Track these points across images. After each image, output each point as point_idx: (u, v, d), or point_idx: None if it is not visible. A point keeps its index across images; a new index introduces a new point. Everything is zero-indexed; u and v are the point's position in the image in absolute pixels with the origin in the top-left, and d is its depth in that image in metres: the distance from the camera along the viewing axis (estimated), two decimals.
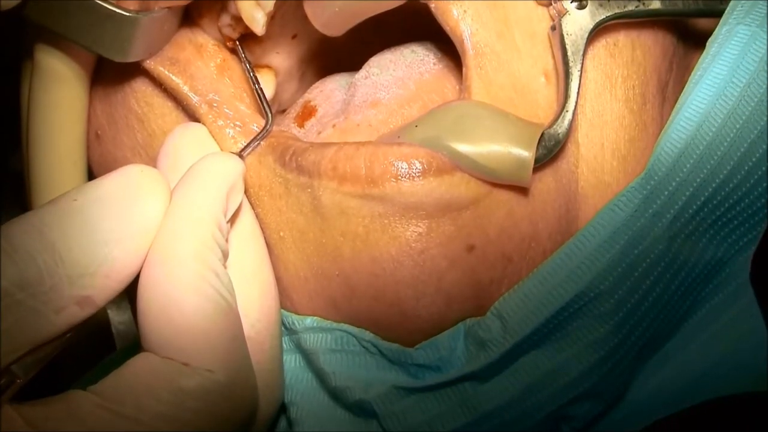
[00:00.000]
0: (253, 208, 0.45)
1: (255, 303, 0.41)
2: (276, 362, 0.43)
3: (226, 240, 0.40)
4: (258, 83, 0.47)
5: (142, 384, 0.35)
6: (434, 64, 0.49)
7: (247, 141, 0.45)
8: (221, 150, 0.45)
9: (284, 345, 0.46)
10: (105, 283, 0.36)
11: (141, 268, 0.37)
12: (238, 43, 0.48)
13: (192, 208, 0.38)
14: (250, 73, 0.47)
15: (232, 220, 0.42)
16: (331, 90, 0.51)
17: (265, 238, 0.45)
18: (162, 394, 0.35)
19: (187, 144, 0.44)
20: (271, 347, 0.42)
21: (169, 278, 0.36)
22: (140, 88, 0.48)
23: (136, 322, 0.37)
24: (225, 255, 0.39)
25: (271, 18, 0.45)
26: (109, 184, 0.37)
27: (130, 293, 0.38)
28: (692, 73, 0.45)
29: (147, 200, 0.37)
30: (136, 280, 0.37)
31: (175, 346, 0.36)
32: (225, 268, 0.39)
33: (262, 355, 0.41)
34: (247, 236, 0.43)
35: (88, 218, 0.36)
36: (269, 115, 0.46)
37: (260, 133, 0.45)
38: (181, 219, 0.38)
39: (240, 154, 0.44)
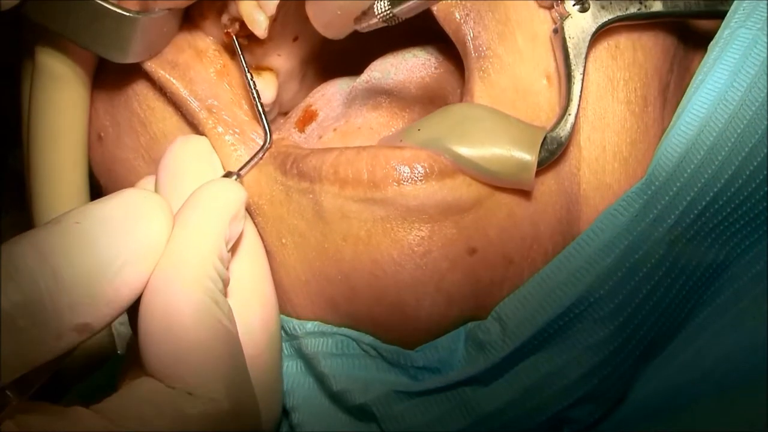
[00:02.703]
0: (252, 217, 0.45)
1: (256, 323, 0.41)
2: (276, 383, 0.43)
3: (228, 268, 0.40)
4: (259, 98, 0.46)
5: (148, 408, 0.35)
6: (436, 67, 0.49)
7: (246, 148, 0.45)
8: (222, 164, 0.45)
9: (285, 351, 0.46)
10: (105, 311, 0.36)
11: (141, 294, 0.37)
12: (241, 54, 0.47)
13: (194, 238, 0.38)
14: (252, 90, 0.46)
15: (235, 243, 0.42)
16: (332, 94, 0.51)
17: (266, 245, 0.45)
18: (167, 421, 0.35)
19: (188, 159, 0.43)
20: (272, 367, 0.42)
21: (170, 307, 0.36)
22: (142, 91, 0.48)
23: (136, 336, 0.37)
24: (226, 283, 0.39)
25: (273, 20, 0.45)
26: (112, 208, 0.37)
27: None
28: (693, 77, 0.45)
29: (150, 228, 0.37)
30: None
31: (177, 375, 0.36)
32: (226, 295, 0.39)
33: (264, 376, 0.41)
34: (248, 258, 0.43)
35: (90, 243, 0.35)
36: (268, 132, 0.45)
37: (260, 150, 0.44)
38: (183, 248, 0.37)
39: (238, 173, 0.43)
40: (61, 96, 0.46)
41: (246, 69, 0.46)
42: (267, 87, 0.49)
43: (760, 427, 0.42)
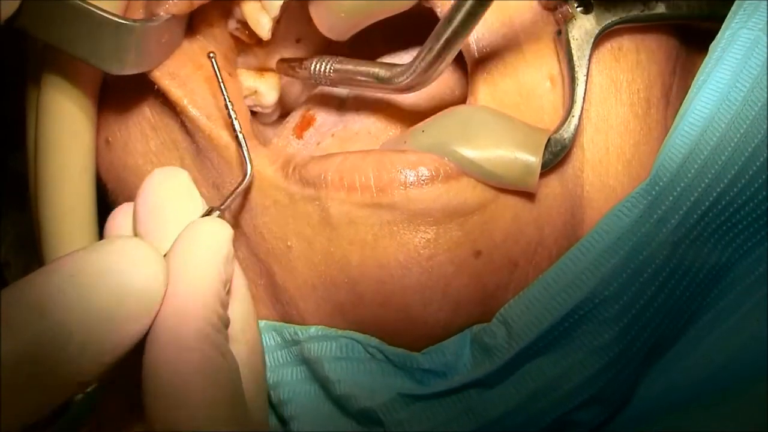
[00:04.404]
0: (258, 217, 0.44)
1: (244, 364, 0.40)
2: (264, 426, 0.43)
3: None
4: (241, 128, 0.44)
5: None
6: None
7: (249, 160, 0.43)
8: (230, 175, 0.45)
9: (282, 359, 0.45)
10: (102, 368, 0.35)
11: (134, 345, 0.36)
12: (222, 84, 0.44)
13: (196, 287, 0.37)
14: (233, 120, 0.44)
15: None
16: (330, 98, 0.51)
17: (272, 247, 0.44)
18: None
19: (168, 195, 0.41)
20: (260, 407, 0.42)
21: (175, 363, 0.35)
22: (152, 98, 0.47)
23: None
24: (227, 326, 0.39)
25: (276, 22, 0.45)
26: (105, 259, 0.36)
27: None
28: (695, 78, 0.45)
29: (146, 281, 0.36)
30: None
31: (177, 428, 0.35)
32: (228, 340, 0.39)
33: (254, 418, 0.40)
34: (238, 301, 0.42)
35: (89, 300, 0.35)
36: (249, 164, 0.43)
37: (240, 184, 0.43)
38: (184, 299, 0.36)
39: (220, 208, 0.41)
40: (67, 102, 0.44)
41: (226, 99, 0.44)
42: (269, 89, 0.49)
43: (762, 427, 0.42)
